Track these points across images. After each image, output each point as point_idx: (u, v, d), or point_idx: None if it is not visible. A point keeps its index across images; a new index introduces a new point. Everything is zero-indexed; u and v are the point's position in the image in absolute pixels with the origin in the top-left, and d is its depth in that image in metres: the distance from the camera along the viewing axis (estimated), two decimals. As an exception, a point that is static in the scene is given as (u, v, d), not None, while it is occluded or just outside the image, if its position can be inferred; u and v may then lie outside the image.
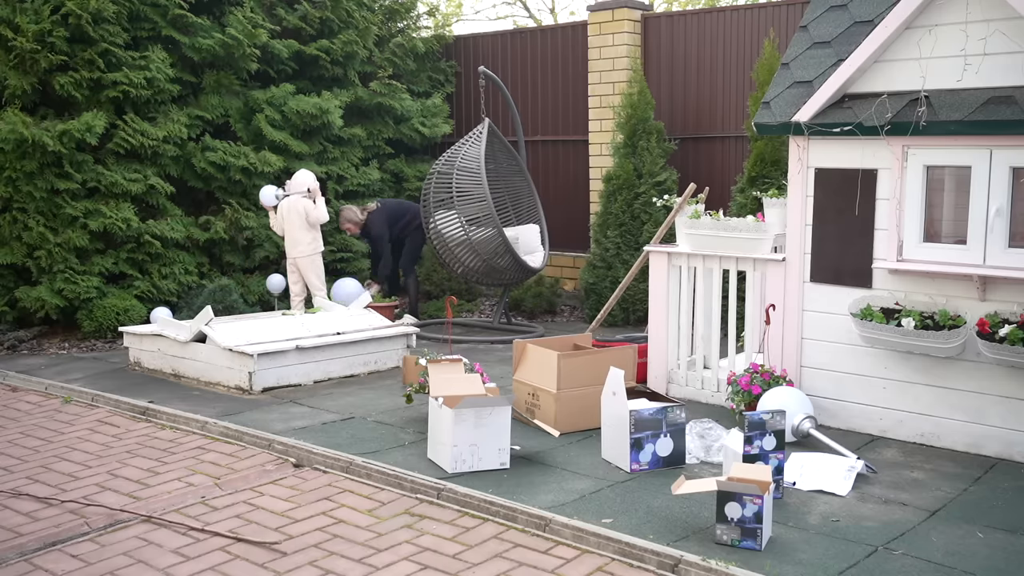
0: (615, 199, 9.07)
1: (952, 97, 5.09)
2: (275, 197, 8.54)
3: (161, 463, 5.43)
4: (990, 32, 4.97)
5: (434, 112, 11.13)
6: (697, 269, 6.37)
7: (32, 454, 5.64)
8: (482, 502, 4.59)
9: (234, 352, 6.85)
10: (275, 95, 9.64)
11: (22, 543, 4.33)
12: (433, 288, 10.41)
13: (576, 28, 10.41)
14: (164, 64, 8.86)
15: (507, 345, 8.17)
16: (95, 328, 8.54)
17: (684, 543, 4.10)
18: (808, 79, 5.74)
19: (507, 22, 23.33)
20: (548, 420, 5.66)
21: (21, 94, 8.50)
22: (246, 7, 9.41)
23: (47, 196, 8.45)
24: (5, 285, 8.69)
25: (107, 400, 6.68)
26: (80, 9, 8.30)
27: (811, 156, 5.66)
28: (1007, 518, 4.36)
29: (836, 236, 5.60)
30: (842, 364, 5.66)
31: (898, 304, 5.33)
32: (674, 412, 5.09)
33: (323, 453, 5.37)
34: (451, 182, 8.59)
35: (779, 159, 7.86)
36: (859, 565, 3.89)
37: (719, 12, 9.45)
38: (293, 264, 8.64)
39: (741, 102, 9.17)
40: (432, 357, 5.98)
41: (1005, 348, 4.82)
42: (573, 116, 10.50)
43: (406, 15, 11.47)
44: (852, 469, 4.85)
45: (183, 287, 9.11)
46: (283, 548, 4.24)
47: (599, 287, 9.15)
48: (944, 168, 5.21)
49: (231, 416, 6.21)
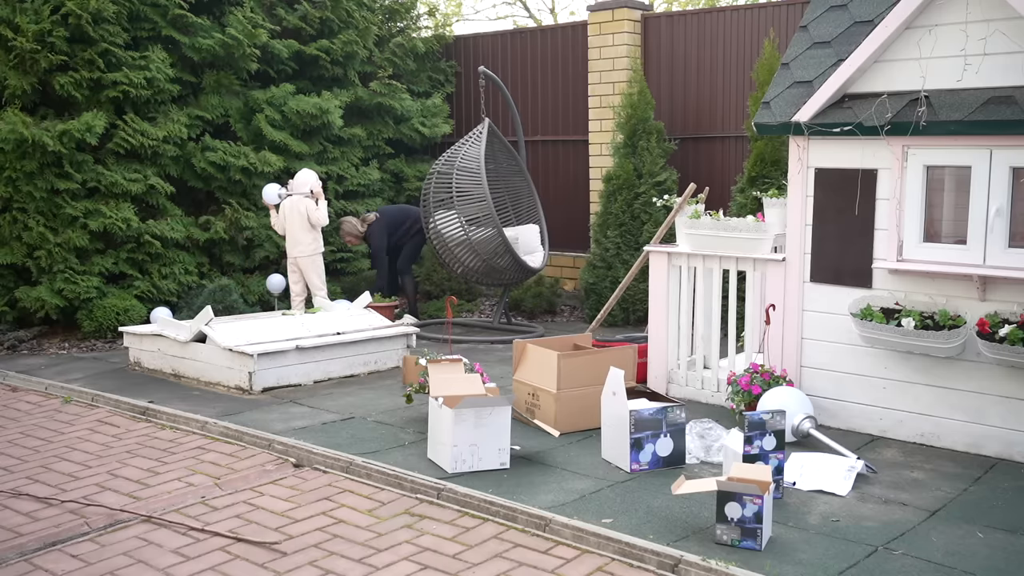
0: (615, 199, 9.08)
1: (952, 97, 5.09)
2: (277, 196, 8.54)
3: (161, 463, 5.43)
4: (990, 32, 4.97)
5: (434, 112, 11.13)
6: (697, 269, 6.37)
7: (32, 454, 5.64)
8: (482, 502, 4.59)
9: (234, 352, 6.85)
10: (275, 95, 9.64)
11: (22, 543, 4.33)
12: (433, 288, 10.41)
13: (576, 28, 10.41)
14: (164, 64, 8.86)
15: (507, 345, 8.18)
16: (95, 328, 8.54)
17: (684, 543, 4.10)
18: (808, 79, 5.74)
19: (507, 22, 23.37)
20: (548, 420, 5.66)
21: (21, 94, 8.50)
22: (246, 7, 9.41)
23: (47, 196, 8.44)
24: (5, 285, 8.69)
25: (107, 400, 6.68)
26: (80, 9, 8.30)
27: (811, 156, 5.66)
28: (1007, 518, 4.36)
29: (836, 236, 5.60)
30: (842, 364, 5.66)
31: (898, 304, 5.33)
32: (674, 412, 5.09)
33: (323, 453, 5.37)
34: (451, 182, 8.59)
35: (779, 159, 7.86)
36: (859, 565, 3.89)
37: (719, 12, 9.46)
38: (294, 264, 8.64)
39: (741, 102, 9.17)
40: (432, 357, 5.98)
41: (1005, 348, 4.82)
42: (573, 116, 10.50)
43: (406, 15, 11.47)
44: (852, 469, 4.85)
45: (183, 287, 9.11)
46: (283, 548, 4.24)
47: (599, 287, 9.15)
48: (944, 168, 5.21)
49: (231, 416, 6.21)
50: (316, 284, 8.63)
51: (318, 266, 8.66)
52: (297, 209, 8.51)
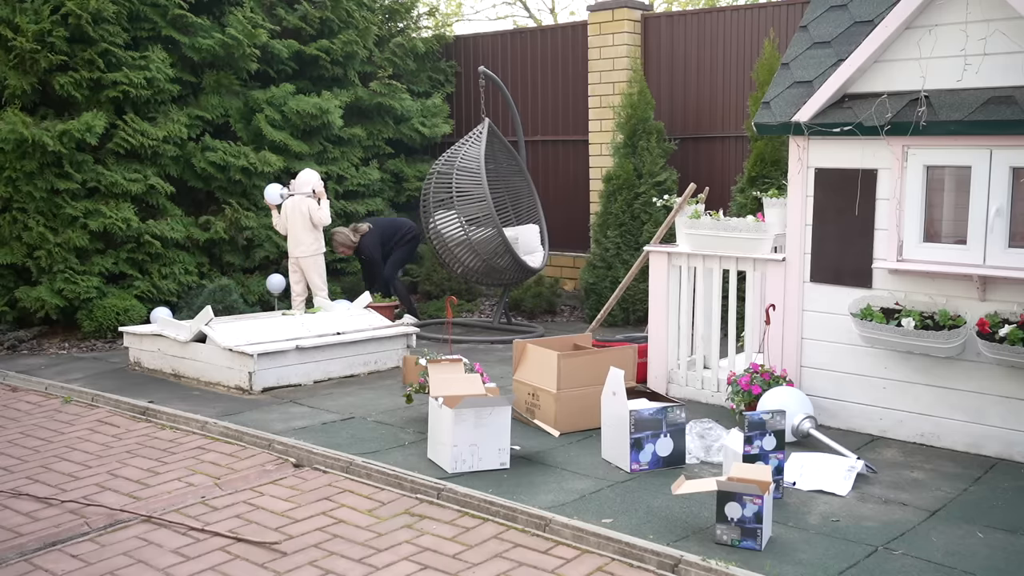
0: (615, 199, 9.08)
1: (952, 97, 5.09)
2: (279, 196, 8.53)
3: (161, 463, 5.43)
4: (990, 32, 4.97)
5: (434, 112, 11.13)
6: (697, 269, 6.37)
7: (32, 454, 5.64)
8: (482, 502, 4.59)
9: (234, 352, 6.85)
10: (275, 95, 9.64)
11: (22, 543, 4.33)
12: (433, 288, 10.41)
13: (576, 28, 10.41)
14: (164, 64, 8.86)
15: (507, 345, 8.17)
16: (95, 328, 8.54)
17: (684, 543, 4.10)
18: (808, 79, 5.74)
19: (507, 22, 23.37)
20: (548, 420, 5.66)
21: (21, 94, 8.49)
22: (246, 7, 9.41)
23: (47, 196, 8.44)
24: (5, 285, 8.69)
25: (107, 400, 6.67)
26: (80, 9, 8.30)
27: (811, 156, 5.66)
28: (1007, 518, 4.36)
29: (836, 236, 5.60)
30: (842, 364, 5.66)
31: (898, 304, 5.33)
32: (674, 412, 5.09)
33: (323, 453, 5.37)
34: (451, 182, 8.59)
35: (779, 159, 7.86)
36: (859, 565, 3.89)
37: (719, 12, 9.46)
38: (295, 264, 8.64)
39: (741, 102, 9.17)
40: (432, 357, 5.98)
41: (1005, 348, 4.82)
42: (573, 116, 10.50)
43: (406, 15, 11.47)
44: (852, 469, 4.85)
45: (183, 287, 9.11)
46: (283, 548, 4.24)
47: (599, 287, 9.15)
48: (944, 168, 5.21)
49: (231, 416, 6.21)
50: (317, 284, 8.63)
51: (320, 266, 8.66)
52: (299, 209, 8.51)
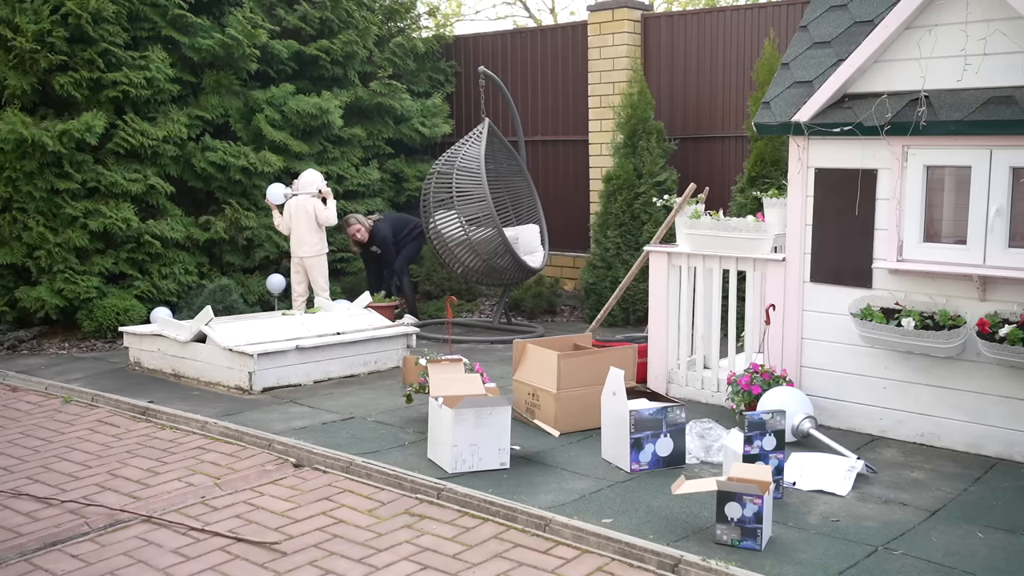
0: (615, 199, 9.08)
1: (952, 97, 5.09)
2: (283, 195, 8.53)
3: (161, 463, 5.43)
4: (990, 32, 4.97)
5: (434, 112, 11.13)
6: (697, 269, 6.37)
7: (32, 454, 5.64)
8: (482, 502, 4.59)
9: (234, 352, 6.85)
10: (275, 95, 9.64)
11: (22, 543, 4.33)
12: (433, 288, 10.41)
13: (576, 28, 10.41)
14: (164, 64, 8.86)
15: (507, 345, 8.17)
16: (95, 328, 8.54)
17: (684, 543, 4.10)
18: (808, 79, 5.74)
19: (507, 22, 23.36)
20: (548, 420, 5.66)
21: (21, 94, 8.49)
22: (246, 7, 9.41)
23: (47, 196, 8.44)
24: (5, 285, 8.69)
25: (107, 400, 6.67)
26: (80, 9, 8.30)
27: (811, 156, 5.66)
28: (1007, 518, 4.36)
29: (836, 236, 5.60)
30: (842, 364, 5.66)
31: (898, 304, 5.33)
32: (674, 412, 5.09)
33: (323, 453, 5.37)
34: (451, 182, 8.59)
35: (779, 159, 7.86)
36: (859, 565, 3.89)
37: (719, 12, 9.45)
38: (299, 264, 8.64)
39: (741, 102, 9.17)
40: (432, 357, 5.98)
41: (1005, 348, 4.82)
42: (573, 116, 10.50)
43: (406, 15, 11.47)
44: (852, 469, 4.85)
45: (183, 287, 9.11)
46: (283, 548, 4.24)
47: (599, 287, 9.15)
48: (944, 168, 5.21)
49: (231, 416, 6.21)
50: (320, 284, 8.64)
51: (323, 266, 8.67)
52: (304, 209, 8.51)
